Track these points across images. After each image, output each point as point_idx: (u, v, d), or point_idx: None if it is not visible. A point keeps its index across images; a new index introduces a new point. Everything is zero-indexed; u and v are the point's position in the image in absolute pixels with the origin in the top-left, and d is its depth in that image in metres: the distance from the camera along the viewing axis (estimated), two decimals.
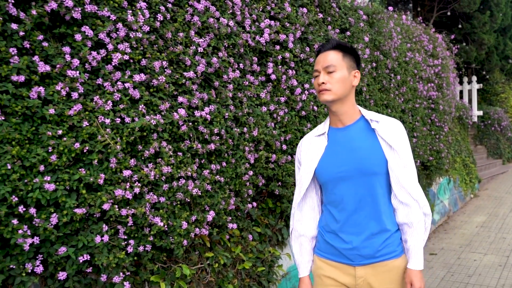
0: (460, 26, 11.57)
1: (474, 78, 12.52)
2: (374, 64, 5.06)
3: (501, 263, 5.47)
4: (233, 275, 3.33)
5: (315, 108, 3.98)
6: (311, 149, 2.04)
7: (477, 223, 7.59)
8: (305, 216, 2.11)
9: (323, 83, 1.87)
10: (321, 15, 4.09)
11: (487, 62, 13.54)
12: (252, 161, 3.32)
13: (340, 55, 1.90)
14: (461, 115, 10.06)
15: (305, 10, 3.88)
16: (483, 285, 4.81)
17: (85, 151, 2.31)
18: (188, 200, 2.86)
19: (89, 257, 2.35)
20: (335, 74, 1.87)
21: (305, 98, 3.83)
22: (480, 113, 12.37)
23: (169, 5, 2.83)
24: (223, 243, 3.35)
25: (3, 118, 2.08)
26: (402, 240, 1.97)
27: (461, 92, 13.08)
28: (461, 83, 13.04)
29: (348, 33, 4.57)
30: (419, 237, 1.90)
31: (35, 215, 2.16)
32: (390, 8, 5.66)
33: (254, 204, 3.39)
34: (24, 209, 2.12)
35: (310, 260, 2.15)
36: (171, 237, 2.75)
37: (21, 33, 2.14)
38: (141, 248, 2.57)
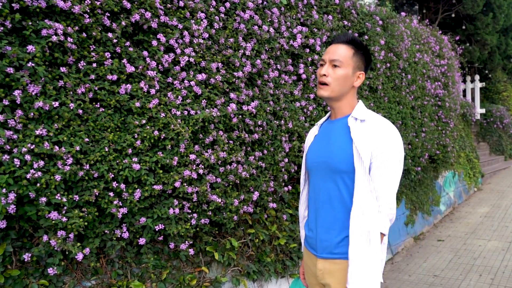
0: (464, 27, 12.07)
1: (477, 77, 12.99)
2: (388, 65, 5.53)
3: (504, 248, 5.94)
4: (269, 250, 3.80)
5: None
6: (309, 138, 2.12)
7: (480, 213, 8.07)
8: (303, 200, 2.22)
9: (324, 75, 1.86)
10: (348, 24, 4.57)
11: (490, 61, 14.02)
12: (287, 150, 3.80)
13: (351, 52, 1.87)
14: (465, 112, 10.53)
15: (330, 17, 4.36)
16: (487, 266, 5.28)
17: (162, 137, 2.79)
18: (238, 182, 3.33)
19: (163, 226, 2.83)
20: (339, 70, 1.85)
21: None
22: (483, 111, 12.83)
23: (222, 15, 3.30)
24: (262, 221, 3.82)
25: (102, 110, 2.57)
26: None
27: (464, 90, 13.53)
28: (464, 81, 13.50)
29: (366, 37, 5.05)
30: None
31: (124, 189, 2.64)
32: (403, 13, 6.14)
33: (290, 187, 3.88)
34: (116, 184, 2.60)
35: None
36: (224, 213, 3.22)
37: (114, 40, 2.62)
38: (202, 221, 3.05)
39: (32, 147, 2.22)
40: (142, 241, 2.78)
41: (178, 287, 3.07)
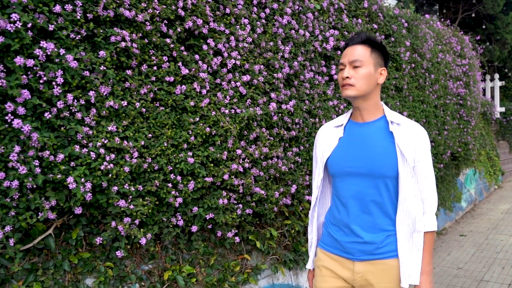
0: (484, 26, 12.17)
1: (497, 75, 13.06)
2: (413, 65, 5.74)
3: None
4: (304, 240, 4.04)
5: None
6: (327, 139, 2.03)
7: (502, 210, 8.21)
8: (322, 209, 2.17)
9: (347, 77, 1.84)
10: (375, 26, 4.79)
11: (509, 60, 14.08)
12: None
13: (369, 50, 1.86)
14: (485, 111, 10.65)
15: (360, 20, 4.59)
16: (510, 259, 5.46)
17: (213, 134, 3.05)
18: (277, 176, 3.58)
19: (213, 215, 3.08)
20: (361, 70, 1.84)
21: None
22: (503, 109, 12.89)
23: (263, 20, 3.55)
24: (297, 213, 4.07)
25: (162, 108, 2.83)
26: None
27: (483, 89, 13.60)
28: (483, 80, 13.57)
29: (392, 38, 5.26)
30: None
31: (180, 181, 2.90)
32: (427, 16, 6.34)
33: None
34: (173, 176, 2.86)
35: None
36: (265, 204, 3.47)
37: (171, 45, 2.89)
38: (247, 211, 3.30)
39: (105, 142, 2.49)
40: (194, 228, 3.04)
41: (223, 272, 3.33)
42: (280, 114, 3.60)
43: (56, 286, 2.55)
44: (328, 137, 2.04)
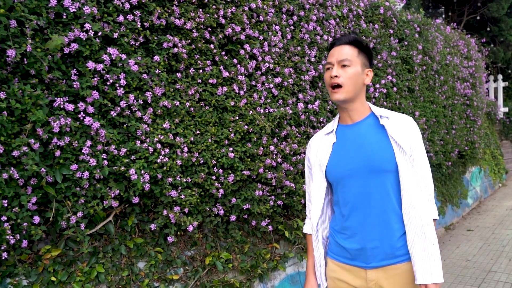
0: (488, 29, 12.49)
1: (500, 76, 13.36)
2: (424, 67, 6.03)
3: None
4: None
5: (385, 103, 4.98)
6: (320, 148, 2.00)
7: (506, 206, 8.50)
8: (326, 221, 2.08)
9: (336, 76, 1.82)
10: (391, 31, 5.09)
11: None
12: None
13: (356, 51, 1.86)
14: (489, 111, 10.95)
15: (376, 26, 4.88)
16: None
17: (249, 131, 3.34)
18: (304, 170, 3.87)
19: (249, 206, 3.37)
20: (349, 69, 1.82)
21: (377, 95, 4.83)
22: (506, 109, 13.19)
23: (291, 27, 3.84)
24: None
25: (206, 108, 3.12)
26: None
27: (487, 89, 13.90)
28: (487, 81, 13.86)
29: (405, 42, 5.55)
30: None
31: (221, 174, 3.19)
32: (438, 20, 6.64)
33: None
34: (216, 170, 3.15)
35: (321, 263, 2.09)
36: (293, 196, 3.76)
37: (214, 51, 3.18)
38: (278, 203, 3.59)
39: (161, 138, 2.78)
40: (232, 218, 3.33)
41: (255, 259, 3.62)
42: (306, 113, 3.89)
43: (114, 268, 2.83)
44: (321, 146, 2.00)
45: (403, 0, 5.84)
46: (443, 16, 13.94)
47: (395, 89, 5.21)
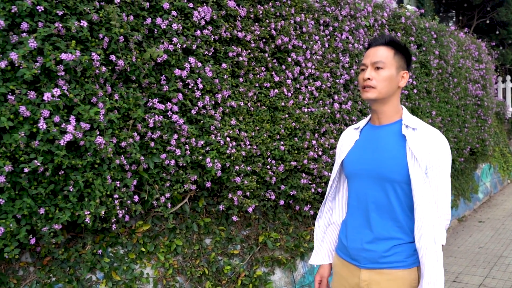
0: (497, 32, 13.04)
1: (508, 77, 13.85)
2: (439, 71, 6.56)
3: None
4: None
5: (406, 103, 5.52)
6: (345, 142, 2.03)
7: None
8: (336, 206, 2.12)
9: (368, 78, 1.79)
10: (412, 38, 5.63)
11: None
12: None
13: (392, 52, 1.81)
14: (499, 111, 11.46)
15: (399, 34, 5.42)
16: None
17: (296, 128, 3.89)
18: None
19: (295, 192, 3.91)
20: (383, 72, 1.78)
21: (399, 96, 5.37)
22: None
23: (328, 37, 4.39)
24: None
25: (262, 107, 3.67)
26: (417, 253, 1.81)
27: (496, 90, 14.36)
28: (496, 82, 14.33)
29: (424, 48, 6.09)
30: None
31: (274, 164, 3.74)
32: (452, 27, 7.18)
33: None
34: (269, 160, 3.70)
35: (330, 249, 2.15)
36: None
37: (268, 59, 3.72)
38: (318, 190, 4.13)
39: (230, 132, 3.33)
40: (281, 202, 3.87)
41: (297, 240, 4.15)
42: (341, 113, 4.43)
43: (188, 243, 3.38)
44: (347, 139, 2.03)
45: (419, 10, 6.36)
46: (454, 19, 14.46)
47: (415, 90, 5.74)
